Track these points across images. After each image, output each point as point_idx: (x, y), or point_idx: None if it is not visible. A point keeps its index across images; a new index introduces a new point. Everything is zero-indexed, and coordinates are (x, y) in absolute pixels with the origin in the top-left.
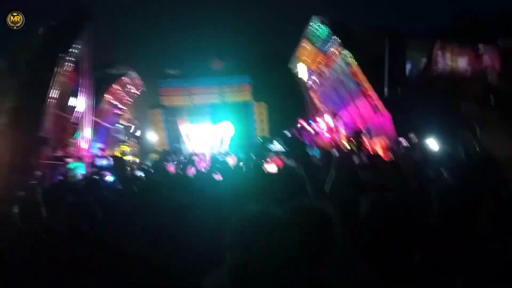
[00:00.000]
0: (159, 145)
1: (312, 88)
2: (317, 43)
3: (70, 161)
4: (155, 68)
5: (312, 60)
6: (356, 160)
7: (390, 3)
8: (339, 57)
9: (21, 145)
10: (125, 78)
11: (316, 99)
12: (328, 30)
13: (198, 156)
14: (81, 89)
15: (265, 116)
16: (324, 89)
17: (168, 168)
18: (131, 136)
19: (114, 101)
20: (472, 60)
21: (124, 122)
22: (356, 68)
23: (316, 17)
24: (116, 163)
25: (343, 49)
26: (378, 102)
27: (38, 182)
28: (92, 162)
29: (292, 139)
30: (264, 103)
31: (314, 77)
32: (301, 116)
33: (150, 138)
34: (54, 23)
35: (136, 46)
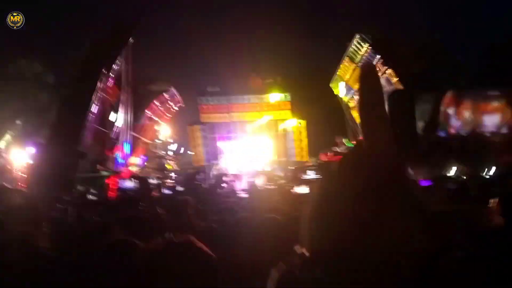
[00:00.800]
0: (197, 161)
1: (354, 108)
2: (359, 62)
3: (108, 175)
4: (195, 85)
5: (355, 79)
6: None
7: (437, 19)
8: (382, 76)
9: (61, 159)
10: (166, 95)
11: (359, 119)
12: (370, 48)
13: (232, 175)
14: (122, 105)
15: (304, 135)
16: None
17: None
18: (169, 152)
19: (154, 117)
20: None
21: (163, 138)
22: (399, 86)
23: (358, 35)
24: (142, 184)
25: (386, 68)
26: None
27: (74, 198)
28: (119, 184)
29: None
30: (303, 121)
31: (356, 96)
32: (342, 136)
33: (188, 154)
34: (98, 40)
35: (177, 63)
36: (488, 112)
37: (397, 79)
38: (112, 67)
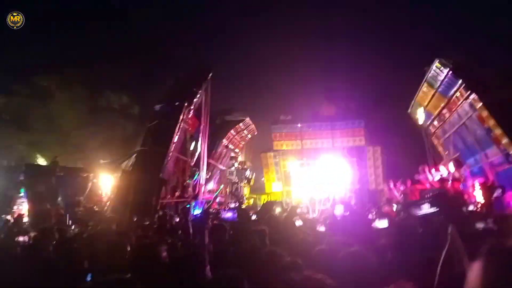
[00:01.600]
0: (269, 188)
1: (435, 134)
2: (439, 87)
3: (188, 202)
4: (269, 114)
5: (434, 105)
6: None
7: None
8: (465, 101)
9: (144, 185)
10: (241, 124)
11: (439, 146)
12: (451, 73)
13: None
14: (201, 134)
15: (380, 162)
16: (448, 136)
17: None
18: (244, 179)
19: (230, 145)
20: None
21: (238, 165)
22: (484, 113)
23: (438, 59)
24: (241, 216)
25: (469, 93)
26: None
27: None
28: (218, 214)
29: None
30: (379, 148)
31: (436, 123)
32: (421, 163)
33: (262, 181)
34: (182, 76)
35: (251, 94)
36: None
37: (482, 104)
38: (194, 100)
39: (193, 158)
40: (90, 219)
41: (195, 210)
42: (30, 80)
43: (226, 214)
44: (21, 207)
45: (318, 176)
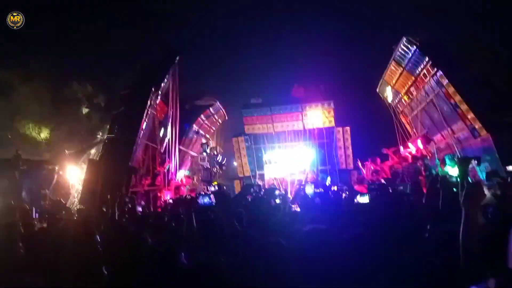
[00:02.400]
0: (241, 172)
1: (403, 113)
2: (407, 65)
3: (158, 190)
4: (239, 98)
5: (402, 83)
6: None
7: (487, 18)
8: (431, 79)
9: (112, 174)
10: (211, 109)
11: (407, 124)
12: (418, 50)
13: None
14: (170, 120)
15: (349, 142)
16: (416, 113)
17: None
18: (215, 164)
19: (201, 131)
20: None
21: (209, 151)
22: (451, 89)
23: (405, 37)
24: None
25: (435, 70)
26: (478, 125)
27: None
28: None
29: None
30: (348, 128)
31: (405, 101)
32: (389, 142)
33: (233, 165)
34: (146, 60)
35: (220, 77)
36: None
37: (448, 81)
38: (162, 86)
39: (163, 145)
40: (58, 212)
41: (167, 198)
42: None
43: (204, 199)
44: None
45: (290, 158)
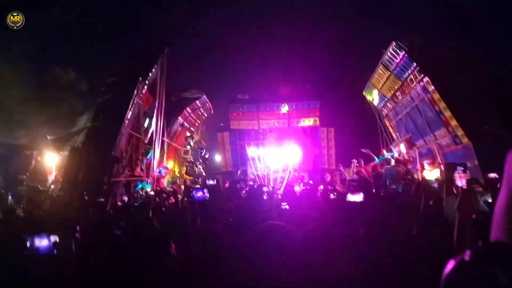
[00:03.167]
0: (225, 167)
1: (387, 116)
2: (394, 69)
3: (140, 180)
4: (226, 93)
5: (388, 87)
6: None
7: (474, 27)
8: (417, 84)
9: (95, 163)
10: (197, 102)
11: (391, 128)
12: (406, 56)
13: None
14: (155, 112)
15: (333, 142)
16: (400, 118)
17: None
18: (199, 157)
19: (186, 123)
20: None
21: (193, 144)
22: (436, 96)
23: (394, 42)
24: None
25: (422, 76)
26: (460, 132)
27: (107, 200)
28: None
29: None
30: (332, 129)
31: (390, 105)
32: (373, 144)
33: (217, 160)
34: (136, 50)
35: (208, 71)
36: None
37: (434, 88)
38: (149, 76)
39: (147, 136)
40: (35, 198)
41: (148, 189)
42: None
43: (197, 194)
44: None
45: (274, 156)
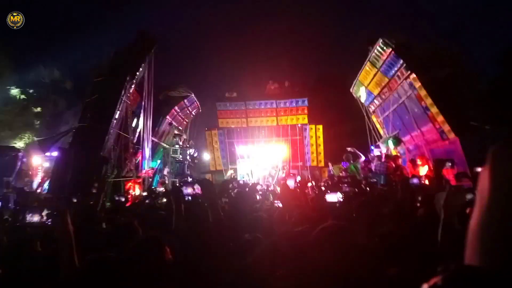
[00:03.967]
0: (213, 166)
1: (375, 113)
2: (381, 66)
3: (130, 180)
4: (214, 91)
5: (376, 84)
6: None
7: (459, 25)
8: (404, 81)
9: (83, 164)
10: (185, 101)
11: (379, 124)
12: (393, 53)
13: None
14: (143, 111)
15: (321, 140)
16: (388, 114)
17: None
18: (188, 156)
19: (174, 122)
20: None
21: (182, 143)
22: (423, 92)
23: (381, 39)
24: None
25: (409, 72)
26: (446, 128)
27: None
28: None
29: None
30: (321, 126)
31: (377, 102)
32: (361, 141)
33: (206, 159)
34: (122, 48)
35: (196, 70)
36: None
37: (421, 84)
38: (136, 75)
39: (135, 135)
40: (22, 201)
41: (137, 189)
42: None
43: (187, 189)
44: None
45: (263, 154)
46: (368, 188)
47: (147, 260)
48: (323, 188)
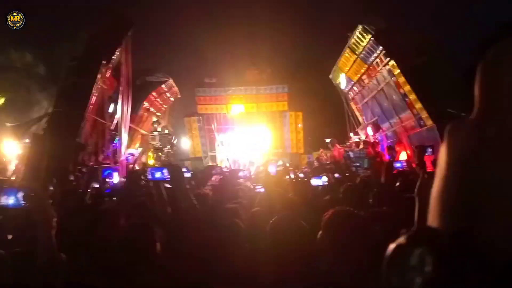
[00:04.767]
0: (193, 153)
1: (354, 100)
2: (361, 53)
3: (106, 167)
4: (193, 76)
5: (355, 71)
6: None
7: (439, 11)
8: (383, 68)
9: (58, 150)
10: (163, 86)
11: (358, 111)
12: (372, 39)
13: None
14: (120, 96)
15: (301, 127)
16: (367, 101)
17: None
18: (167, 143)
19: (152, 108)
20: None
21: (160, 129)
22: (401, 79)
23: (361, 25)
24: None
25: (388, 59)
26: (424, 114)
27: (74, 188)
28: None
29: None
30: (300, 113)
31: (356, 88)
32: (341, 128)
33: (185, 146)
34: (97, 30)
35: (174, 54)
36: None
37: (399, 71)
38: (112, 58)
39: (112, 121)
40: None
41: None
42: None
43: (156, 174)
44: None
45: (242, 140)
46: (349, 173)
47: (136, 249)
48: (302, 175)
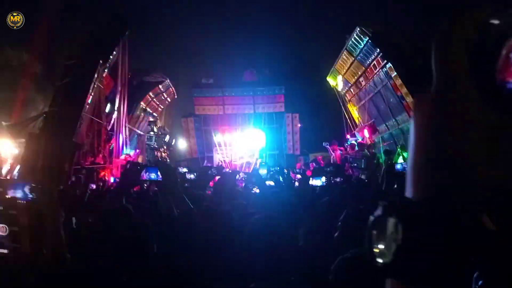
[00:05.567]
0: (190, 153)
1: (351, 102)
2: (358, 55)
3: (102, 167)
4: (189, 77)
5: (352, 73)
6: None
7: (437, 14)
8: (380, 70)
9: (54, 150)
10: (160, 86)
11: (355, 113)
12: (370, 42)
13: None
14: (117, 96)
15: (298, 128)
16: (364, 103)
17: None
18: (163, 144)
19: (148, 109)
20: None
21: (157, 130)
22: (399, 81)
23: (358, 28)
24: (168, 175)
25: (385, 62)
26: None
27: (69, 187)
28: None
29: None
30: (297, 115)
31: (353, 91)
32: (338, 130)
33: (181, 146)
34: (94, 30)
35: (172, 55)
36: None
37: (396, 74)
38: (109, 58)
39: (109, 121)
40: None
41: (111, 176)
42: None
43: (150, 175)
44: None
45: (240, 142)
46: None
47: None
48: (299, 176)
